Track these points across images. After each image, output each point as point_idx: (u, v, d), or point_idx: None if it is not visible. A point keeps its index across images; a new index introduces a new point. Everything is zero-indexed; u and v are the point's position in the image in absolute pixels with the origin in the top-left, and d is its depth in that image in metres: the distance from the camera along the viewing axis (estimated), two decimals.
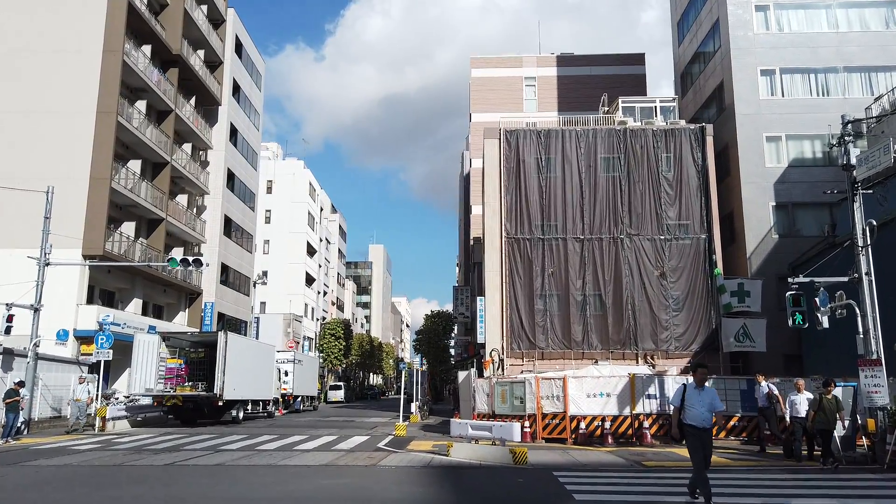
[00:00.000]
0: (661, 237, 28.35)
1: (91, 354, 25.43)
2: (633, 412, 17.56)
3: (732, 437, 17.46)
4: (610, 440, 17.10)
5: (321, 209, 74.11)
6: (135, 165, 33.00)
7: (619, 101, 31.79)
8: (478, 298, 29.62)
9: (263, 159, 64.68)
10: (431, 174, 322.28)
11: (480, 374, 24.99)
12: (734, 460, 14.20)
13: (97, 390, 23.40)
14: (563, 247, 28.48)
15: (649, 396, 17.63)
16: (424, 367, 46.69)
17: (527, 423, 17.71)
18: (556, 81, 41.68)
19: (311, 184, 68.02)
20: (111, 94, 29.83)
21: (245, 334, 43.97)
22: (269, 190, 64.98)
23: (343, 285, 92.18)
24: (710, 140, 29.04)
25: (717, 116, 31.25)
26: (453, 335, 58.54)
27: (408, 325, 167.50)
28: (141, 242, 33.13)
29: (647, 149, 29.12)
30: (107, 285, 32.00)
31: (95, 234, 28.76)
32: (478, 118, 41.21)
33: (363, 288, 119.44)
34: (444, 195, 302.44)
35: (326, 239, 78.49)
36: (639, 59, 42.11)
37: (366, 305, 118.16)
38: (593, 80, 40.82)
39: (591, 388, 17.83)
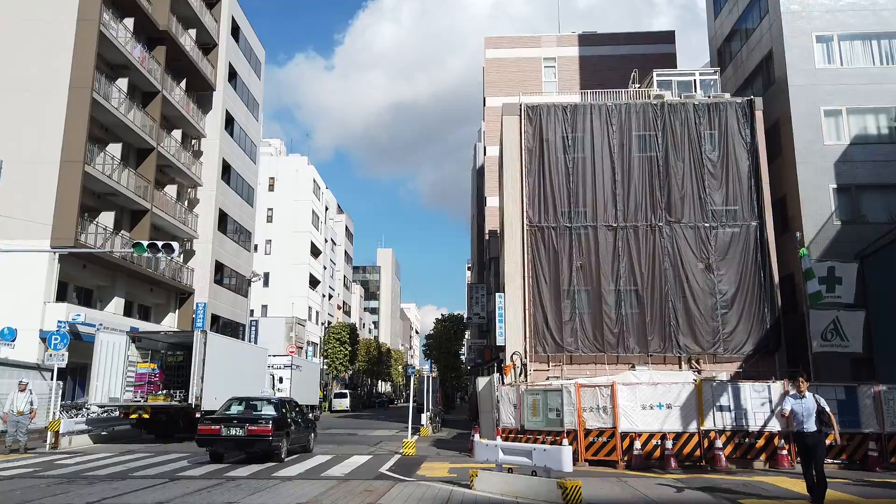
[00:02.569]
0: (706, 225, 24.90)
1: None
2: (702, 428, 14.03)
3: (828, 460, 13.87)
4: (673, 463, 13.59)
5: (326, 208, 70.84)
6: (116, 150, 29.82)
7: (654, 74, 28.35)
8: (496, 295, 26.16)
9: (265, 155, 61.65)
10: (441, 181, 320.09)
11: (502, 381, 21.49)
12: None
13: (59, 399, 20.15)
14: (594, 236, 25.07)
15: (721, 408, 14.07)
16: (434, 374, 43.24)
17: (565, 442, 14.23)
18: (579, 62, 38.30)
19: (315, 181, 64.77)
20: (86, 67, 26.68)
21: (242, 338, 40.67)
22: (271, 187, 61.83)
23: (350, 289, 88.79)
24: (759, 115, 25.60)
25: (765, 91, 27.73)
26: (466, 339, 55.06)
27: (417, 332, 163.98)
28: (122, 236, 29.91)
29: (688, 125, 25.74)
30: (83, 282, 28.80)
31: (66, 223, 25.57)
32: (493, 102, 37.81)
33: (371, 293, 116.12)
34: (453, 203, 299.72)
35: (332, 240, 75.21)
36: (668, 36, 38.68)
37: (374, 311, 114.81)
38: (619, 61, 37.35)
39: (647, 397, 14.30)
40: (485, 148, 40.59)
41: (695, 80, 28.16)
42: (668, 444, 13.76)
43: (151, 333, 22.41)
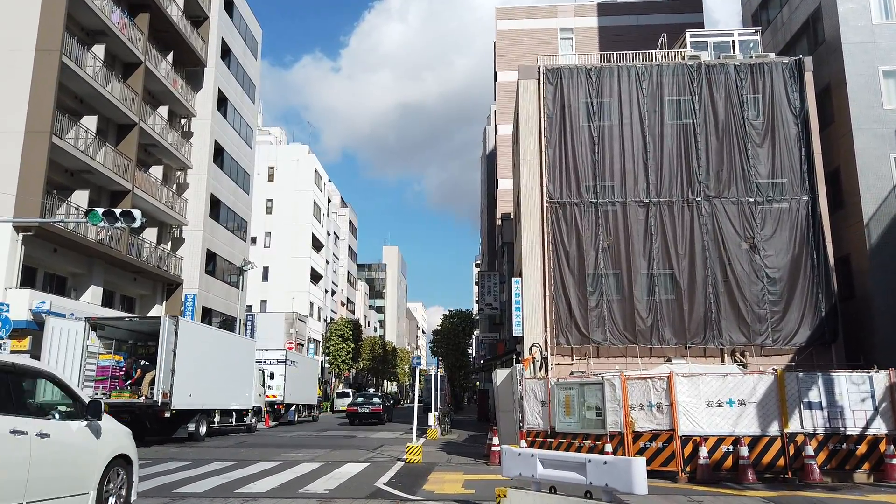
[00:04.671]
0: (750, 199, 22.03)
1: (23, 350, 19.63)
2: (786, 431, 11.10)
3: None
4: (751, 476, 10.68)
5: (329, 200, 68.03)
6: (91, 124, 27.06)
7: (687, 34, 25.45)
8: (513, 280, 23.29)
9: (265, 144, 59.02)
10: (447, 182, 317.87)
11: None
12: None
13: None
14: (622, 213, 22.23)
15: (811, 406, 11.15)
16: (441, 372, 40.32)
17: (609, 448, 11.36)
18: (597, 33, 35.36)
19: (316, 171, 61.95)
20: (54, 27, 23.97)
21: (237, 333, 37.85)
22: (271, 177, 59.07)
23: (354, 285, 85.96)
24: (809, 76, 22.69)
25: (811, 54, 24.76)
26: (475, 335, 52.06)
27: (423, 332, 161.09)
28: None
29: (728, 89, 22.90)
30: (54, 268, 26.04)
31: (30, 200, 22.82)
32: (504, 77, 34.97)
33: (377, 291, 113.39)
34: (460, 204, 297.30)
35: (335, 233, 72.39)
36: (695, 4, 35.69)
37: (379, 309, 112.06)
38: (641, 32, 34.40)
39: (714, 392, 11.37)
40: (496, 127, 37.71)
41: (733, 41, 25.22)
42: (743, 450, 10.85)
43: (115, 320, 19.53)
